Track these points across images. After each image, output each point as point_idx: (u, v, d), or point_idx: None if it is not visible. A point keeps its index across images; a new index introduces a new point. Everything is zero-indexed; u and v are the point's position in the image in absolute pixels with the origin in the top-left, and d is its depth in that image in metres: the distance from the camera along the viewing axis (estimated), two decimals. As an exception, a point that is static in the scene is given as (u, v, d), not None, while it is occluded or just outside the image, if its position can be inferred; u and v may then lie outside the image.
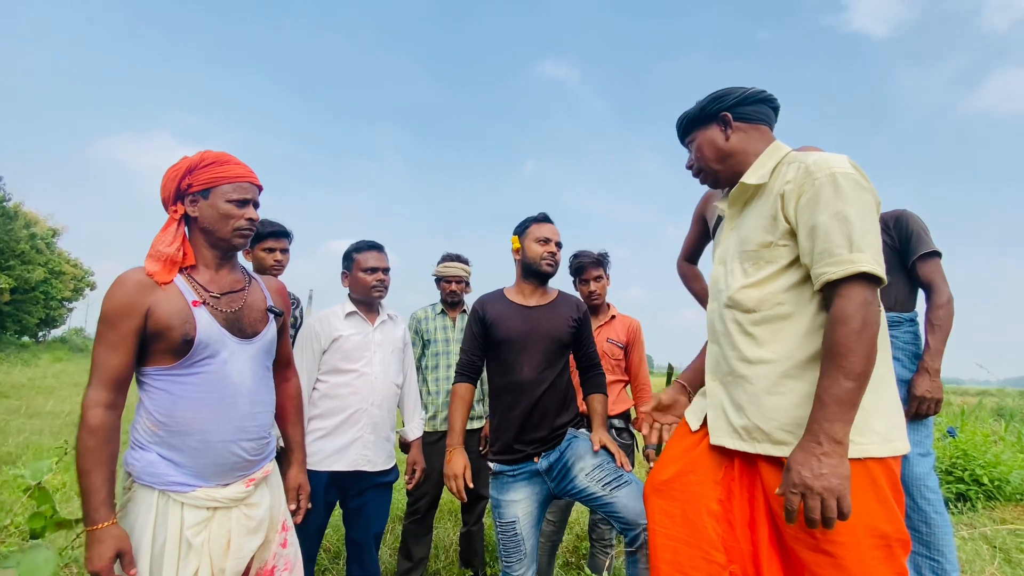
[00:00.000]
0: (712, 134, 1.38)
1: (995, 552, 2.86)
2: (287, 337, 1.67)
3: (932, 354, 2.04)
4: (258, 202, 1.47)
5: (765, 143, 1.36)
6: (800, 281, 1.21)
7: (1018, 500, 3.89)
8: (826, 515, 1.04)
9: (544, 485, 1.87)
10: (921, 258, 2.10)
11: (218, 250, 1.42)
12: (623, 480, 1.76)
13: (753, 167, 1.33)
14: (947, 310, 2.05)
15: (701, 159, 1.42)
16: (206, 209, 1.38)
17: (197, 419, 1.31)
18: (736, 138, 1.36)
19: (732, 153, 1.36)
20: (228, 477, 1.36)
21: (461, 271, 2.76)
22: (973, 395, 13.70)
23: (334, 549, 2.97)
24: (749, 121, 1.36)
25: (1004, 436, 5.85)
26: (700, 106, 1.40)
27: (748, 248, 1.29)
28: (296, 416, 1.69)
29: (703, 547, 1.27)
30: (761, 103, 1.37)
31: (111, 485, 1.26)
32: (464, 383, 1.99)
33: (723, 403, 1.32)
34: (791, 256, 1.22)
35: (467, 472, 1.85)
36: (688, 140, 1.46)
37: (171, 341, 1.29)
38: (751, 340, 1.26)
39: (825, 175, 1.15)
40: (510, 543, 1.81)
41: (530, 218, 2.05)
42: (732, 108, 1.36)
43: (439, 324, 2.76)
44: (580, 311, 2.02)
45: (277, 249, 2.34)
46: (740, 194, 1.37)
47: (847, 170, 1.16)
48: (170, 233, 1.37)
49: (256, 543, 1.39)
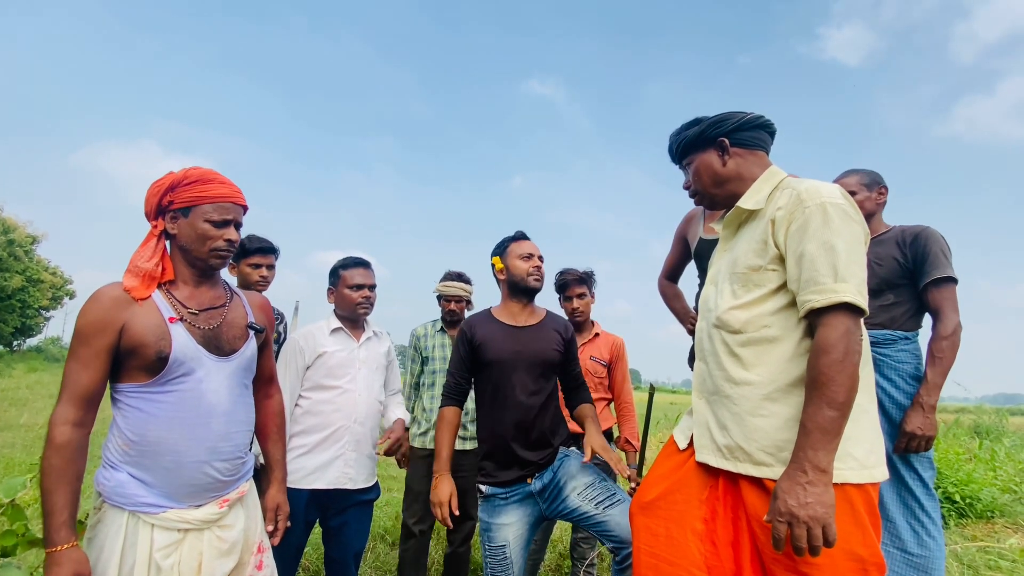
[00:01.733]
0: (709, 159, 1.40)
1: (964, 569, 2.92)
2: (270, 352, 1.65)
3: (929, 388, 1.92)
4: (240, 223, 1.46)
5: (762, 168, 1.38)
6: (787, 306, 1.23)
7: (988, 517, 3.97)
8: (812, 543, 1.06)
9: (536, 507, 1.86)
10: (934, 282, 1.97)
11: (196, 269, 1.41)
12: (615, 499, 1.76)
13: (750, 192, 1.36)
14: (951, 341, 1.92)
15: (698, 183, 1.44)
16: (185, 228, 1.37)
17: (170, 439, 1.30)
18: (733, 163, 1.38)
19: (729, 178, 1.38)
20: (200, 498, 1.34)
21: (461, 291, 2.73)
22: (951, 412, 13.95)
23: (313, 568, 2.93)
24: (746, 147, 1.38)
25: (978, 454, 5.98)
26: (699, 130, 1.40)
27: (738, 270, 1.31)
28: (278, 434, 1.66)
29: (686, 566, 1.28)
30: (759, 128, 1.39)
31: (74, 507, 1.23)
32: (451, 406, 1.96)
33: (708, 421, 1.34)
34: (779, 281, 1.24)
35: (453, 499, 1.83)
36: (685, 162, 1.47)
37: (145, 358, 1.28)
38: (737, 361, 1.28)
39: (815, 204, 1.18)
40: (498, 567, 1.79)
41: (507, 238, 2.05)
42: (730, 134, 1.37)
43: (438, 342, 2.75)
44: (567, 332, 2.03)
45: (263, 265, 2.34)
46: (735, 218, 1.39)
47: (837, 201, 1.19)
48: (149, 248, 1.36)
49: (229, 566, 1.37)
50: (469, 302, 2.81)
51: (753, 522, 1.22)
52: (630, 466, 2.53)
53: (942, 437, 6.87)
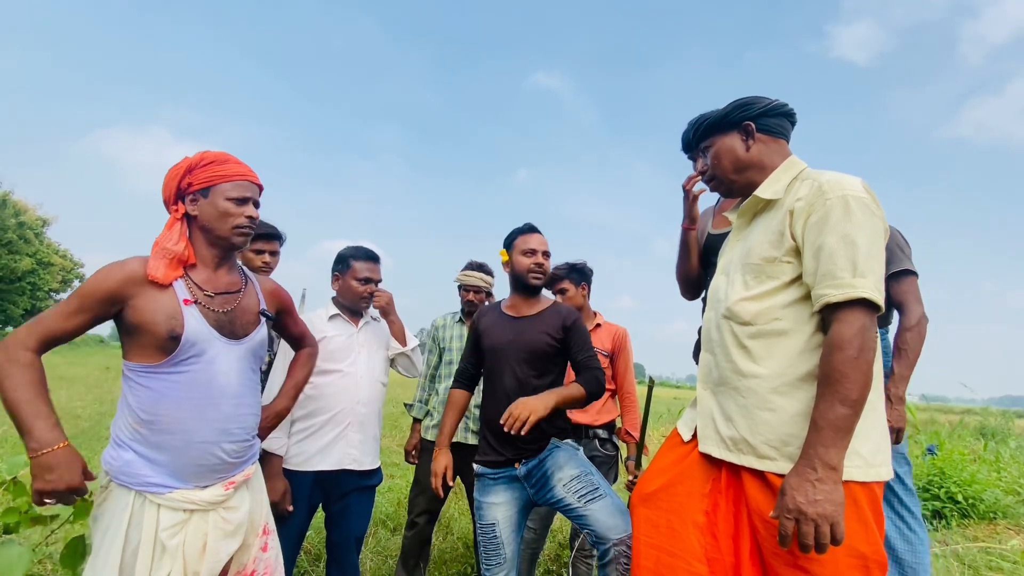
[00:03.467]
0: (732, 142, 1.36)
1: (965, 569, 2.91)
2: (294, 319, 1.75)
3: (896, 380, 1.95)
4: (258, 201, 1.49)
5: (782, 157, 1.34)
6: (800, 299, 1.21)
7: (991, 518, 3.95)
8: (819, 541, 1.05)
9: (524, 491, 1.89)
10: (894, 276, 2.01)
11: (218, 248, 1.44)
12: (598, 494, 1.77)
13: (768, 181, 1.32)
14: (916, 332, 1.95)
15: (717, 167, 1.40)
16: (206, 208, 1.40)
17: (180, 417, 1.31)
18: (756, 149, 1.34)
19: (750, 164, 1.35)
20: (207, 479, 1.36)
21: (480, 281, 2.72)
22: (957, 413, 13.89)
23: (315, 551, 2.96)
24: (770, 133, 1.35)
25: (983, 455, 5.95)
26: (723, 112, 1.37)
27: (751, 261, 1.29)
28: (304, 359, 1.79)
29: (686, 558, 1.28)
30: (783, 116, 1.35)
31: (55, 415, 1.24)
32: (459, 390, 2.05)
33: (712, 412, 1.32)
34: (794, 273, 1.21)
35: (448, 471, 1.93)
36: (704, 145, 1.43)
37: (156, 336, 1.29)
38: (745, 353, 1.26)
39: (837, 196, 1.15)
40: (489, 546, 1.83)
41: (516, 230, 2.07)
42: (756, 118, 1.34)
43: (456, 332, 2.74)
44: (568, 321, 2.01)
45: (267, 251, 2.34)
46: (751, 207, 1.36)
47: (860, 194, 1.15)
48: (175, 232, 1.38)
49: (233, 547, 1.38)
50: (490, 293, 2.80)
51: (754, 516, 1.21)
52: (629, 458, 2.53)
53: (946, 438, 6.84)
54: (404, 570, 2.61)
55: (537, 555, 2.67)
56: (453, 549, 3.19)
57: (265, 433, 1.61)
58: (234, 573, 1.43)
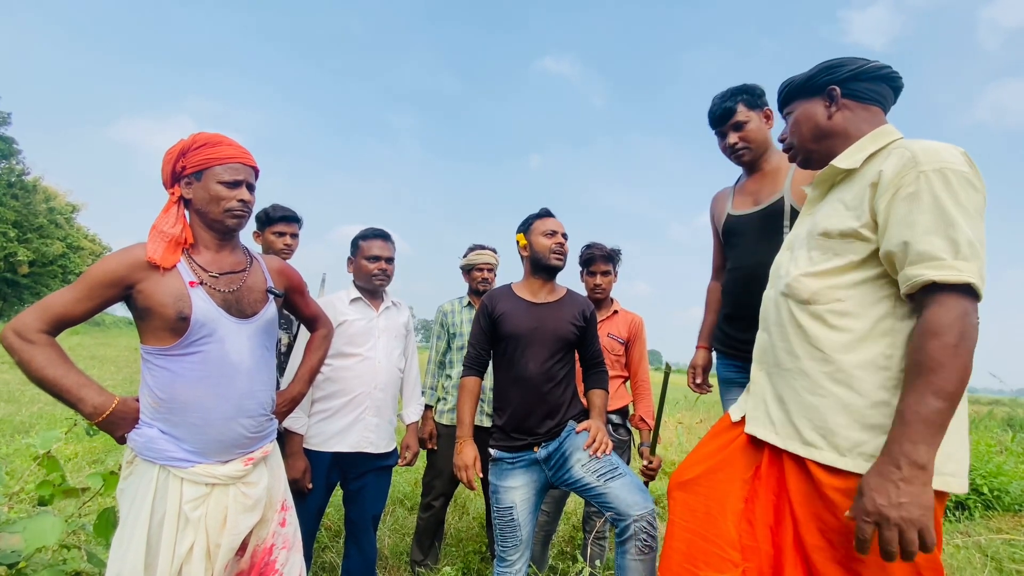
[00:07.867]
0: (814, 108, 1.25)
1: (987, 561, 2.86)
2: (306, 300, 1.75)
3: None
4: (252, 184, 1.48)
5: (872, 125, 1.21)
6: (868, 280, 1.11)
7: (1016, 511, 3.86)
8: (906, 548, 0.94)
9: (541, 474, 1.90)
10: None
11: (214, 231, 1.45)
12: (617, 472, 1.78)
13: (850, 150, 1.20)
14: None
15: (796, 135, 1.29)
16: (199, 191, 1.40)
17: (197, 396, 1.35)
18: (840, 117, 1.22)
19: (832, 133, 1.23)
20: (228, 454, 1.40)
21: (491, 258, 2.78)
22: (984, 404, 13.52)
23: (335, 528, 3.05)
24: (859, 100, 1.21)
25: (1010, 446, 5.79)
26: (807, 76, 1.26)
27: (820, 234, 1.18)
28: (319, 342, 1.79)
29: (719, 543, 1.25)
30: (878, 80, 1.21)
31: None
32: (472, 376, 2.02)
33: (765, 394, 1.27)
34: (865, 252, 1.11)
35: (477, 463, 1.88)
36: (787, 111, 1.33)
37: (166, 319, 1.32)
38: (802, 334, 1.17)
39: (934, 169, 1.02)
40: (506, 528, 1.85)
41: (533, 215, 2.07)
42: (843, 83, 1.22)
43: (465, 317, 2.76)
44: (587, 311, 2.03)
45: (287, 234, 2.39)
46: (827, 177, 1.24)
47: (960, 167, 1.03)
48: (171, 215, 1.40)
49: (252, 520, 1.43)
50: (495, 272, 2.82)
51: (796, 507, 1.15)
52: (643, 444, 2.52)
53: (973, 429, 6.67)
54: (419, 549, 2.67)
55: (550, 537, 2.70)
56: (469, 528, 3.25)
57: (281, 417, 1.63)
58: (254, 546, 1.48)
